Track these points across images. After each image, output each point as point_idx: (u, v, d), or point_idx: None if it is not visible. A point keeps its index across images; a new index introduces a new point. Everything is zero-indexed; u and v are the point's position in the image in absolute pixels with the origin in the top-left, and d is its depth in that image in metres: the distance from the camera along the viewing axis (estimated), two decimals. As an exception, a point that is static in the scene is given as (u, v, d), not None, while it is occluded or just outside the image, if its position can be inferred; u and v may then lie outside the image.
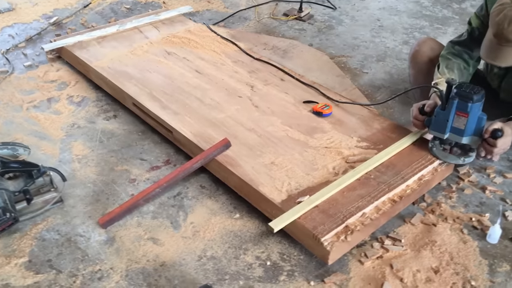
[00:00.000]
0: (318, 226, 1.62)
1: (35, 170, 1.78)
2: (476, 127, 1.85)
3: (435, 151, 1.93)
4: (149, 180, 1.98)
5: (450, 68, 2.06)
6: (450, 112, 1.84)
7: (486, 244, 1.73)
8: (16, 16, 3.22)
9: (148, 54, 2.63)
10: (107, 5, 3.42)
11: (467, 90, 1.80)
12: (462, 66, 2.07)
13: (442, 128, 1.88)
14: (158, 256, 1.67)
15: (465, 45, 2.08)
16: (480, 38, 2.00)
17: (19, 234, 1.74)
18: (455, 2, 3.62)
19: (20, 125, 2.27)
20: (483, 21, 2.00)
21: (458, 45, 2.10)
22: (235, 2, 3.54)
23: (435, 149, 1.93)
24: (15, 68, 2.68)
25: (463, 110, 1.82)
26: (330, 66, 2.76)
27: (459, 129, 1.86)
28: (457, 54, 2.08)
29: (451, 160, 1.91)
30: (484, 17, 1.98)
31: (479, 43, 1.99)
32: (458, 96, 1.81)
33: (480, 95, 1.80)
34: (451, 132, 1.88)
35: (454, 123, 1.86)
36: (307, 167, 1.89)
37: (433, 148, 1.93)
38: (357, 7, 3.53)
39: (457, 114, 1.84)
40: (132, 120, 2.32)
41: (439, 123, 1.88)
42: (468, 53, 2.08)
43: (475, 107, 1.80)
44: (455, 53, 2.09)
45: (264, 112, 2.20)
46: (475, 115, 1.83)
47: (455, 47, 2.10)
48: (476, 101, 1.80)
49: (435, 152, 1.92)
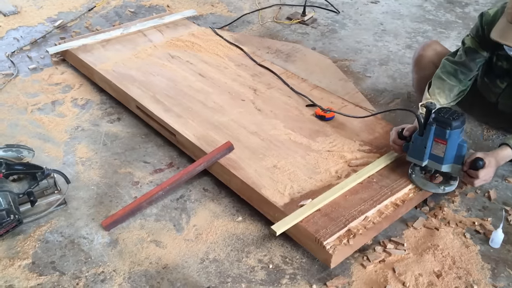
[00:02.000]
0: (321, 230, 1.62)
1: (39, 172, 1.79)
2: (456, 154, 1.74)
3: (414, 178, 1.82)
4: (152, 183, 1.99)
5: (441, 88, 2.02)
6: (428, 138, 1.72)
7: (489, 249, 1.73)
8: (21, 19, 3.24)
9: (152, 57, 2.65)
10: (111, 9, 3.44)
11: (446, 116, 1.69)
12: (455, 88, 2.03)
13: (420, 155, 1.76)
14: (161, 259, 1.68)
15: (463, 64, 2.02)
16: (476, 57, 1.99)
17: (22, 236, 1.75)
18: (458, 6, 3.63)
19: (25, 127, 2.28)
20: (479, 43, 1.97)
21: (454, 64, 2.04)
22: (239, 5, 3.55)
23: (415, 175, 1.82)
24: (20, 71, 2.70)
25: (442, 137, 1.70)
26: (333, 69, 2.76)
27: (438, 156, 1.74)
28: (452, 74, 2.03)
29: (430, 189, 1.81)
30: (480, 38, 1.96)
31: (475, 62, 2.00)
32: (436, 121, 1.70)
33: (460, 121, 1.68)
34: (430, 159, 1.77)
35: (433, 150, 1.75)
36: (309, 170, 1.90)
37: (412, 175, 1.83)
38: (360, 11, 3.54)
39: (435, 141, 1.73)
40: (135, 123, 2.33)
41: (417, 149, 1.77)
42: (465, 72, 2.02)
43: (454, 134, 1.69)
44: (451, 72, 2.03)
45: (267, 116, 2.21)
46: (455, 142, 1.71)
47: (451, 66, 2.04)
48: (455, 127, 1.68)
49: (414, 179, 1.82)
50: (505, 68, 2.01)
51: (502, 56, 1.97)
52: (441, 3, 3.66)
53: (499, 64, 2.02)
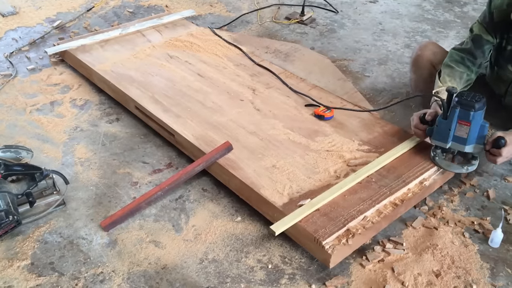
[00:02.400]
0: (320, 230, 1.62)
1: (37, 173, 1.79)
2: (478, 135, 1.83)
3: (437, 160, 1.90)
4: (151, 183, 1.99)
5: (451, 76, 2.06)
6: (452, 121, 1.81)
7: (488, 248, 1.73)
8: (20, 19, 3.24)
9: (151, 57, 2.65)
10: (110, 9, 3.43)
11: (469, 99, 1.78)
12: (464, 74, 2.07)
13: (444, 137, 1.85)
14: (160, 259, 1.68)
15: (469, 52, 2.07)
16: (483, 44, 2.01)
17: (21, 236, 1.75)
18: (457, 5, 3.63)
19: (23, 128, 2.28)
20: (486, 28, 2.00)
21: (461, 52, 2.09)
22: (238, 5, 3.55)
23: (438, 158, 1.90)
24: (18, 72, 2.70)
25: (465, 118, 1.79)
26: (332, 69, 2.76)
27: (461, 137, 1.83)
28: (460, 62, 2.08)
29: (454, 169, 1.89)
30: (488, 24, 1.99)
31: (482, 50, 2.02)
32: (460, 104, 1.79)
33: (482, 103, 1.78)
34: (454, 141, 1.85)
35: (456, 132, 1.83)
36: (308, 170, 1.90)
37: (436, 158, 1.91)
38: (359, 10, 3.54)
39: (459, 123, 1.81)
40: (134, 123, 2.33)
41: (441, 132, 1.85)
42: (472, 60, 2.07)
43: (477, 115, 1.78)
44: (458, 61, 2.08)
45: (265, 115, 2.21)
46: (477, 123, 1.80)
47: (458, 54, 2.09)
48: (478, 109, 1.77)
49: (437, 161, 1.90)
50: None
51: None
52: (440, 3, 3.67)
53: (509, 48, 2.03)
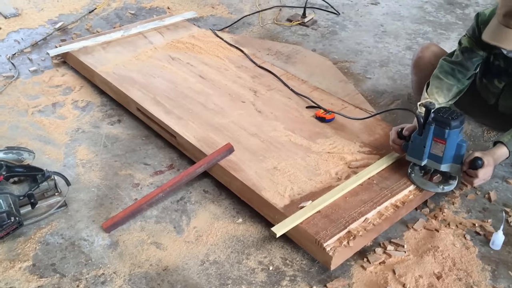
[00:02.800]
0: (321, 231, 1.62)
1: (39, 174, 1.79)
2: (455, 154, 1.75)
3: (413, 177, 1.83)
4: (153, 185, 1.99)
5: (439, 88, 2.02)
6: (427, 138, 1.74)
7: (489, 250, 1.73)
8: (22, 21, 3.25)
9: (152, 59, 2.65)
10: (112, 11, 3.44)
11: (445, 116, 1.70)
12: (454, 87, 2.03)
13: (419, 154, 1.78)
14: (161, 261, 1.68)
15: (460, 64, 2.03)
16: (472, 57, 2.00)
17: (23, 238, 1.75)
18: (459, 7, 3.63)
19: (25, 129, 2.29)
20: (475, 42, 1.98)
21: (452, 63, 2.05)
22: (239, 7, 3.56)
23: (414, 175, 1.83)
24: (20, 73, 2.71)
25: (441, 136, 1.71)
26: (333, 71, 2.77)
27: (437, 156, 1.76)
28: (450, 73, 2.04)
29: (429, 188, 1.82)
30: (476, 38, 1.96)
31: (472, 61, 2.01)
32: (435, 121, 1.71)
33: (459, 121, 1.70)
34: (429, 158, 1.78)
35: (432, 150, 1.76)
36: (309, 172, 1.90)
37: (412, 174, 1.84)
38: (361, 12, 3.54)
39: (435, 141, 1.74)
40: (136, 125, 2.33)
41: (416, 149, 1.78)
42: (462, 71, 2.03)
43: (453, 134, 1.70)
44: (448, 72, 2.04)
45: (267, 117, 2.21)
46: (454, 142, 1.72)
47: (449, 66, 2.05)
48: (454, 127, 1.69)
49: (413, 178, 1.83)
50: (503, 67, 2.01)
51: (499, 55, 1.97)
52: (442, 4, 3.67)
53: (496, 63, 2.03)
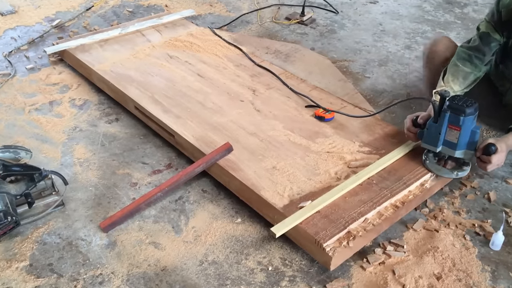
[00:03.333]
0: (320, 232, 1.62)
1: (36, 173, 1.78)
2: (469, 141, 1.80)
3: (428, 164, 1.89)
4: (151, 184, 1.98)
5: (455, 76, 2.05)
6: (442, 125, 1.79)
7: (489, 251, 1.72)
8: (19, 18, 3.23)
9: (150, 57, 2.64)
10: (109, 8, 3.42)
11: (460, 103, 1.75)
12: (471, 74, 2.05)
13: (434, 141, 1.83)
14: (159, 261, 1.67)
15: (477, 49, 2.05)
16: (490, 42, 2.02)
17: (20, 237, 1.74)
18: (457, 7, 3.62)
19: (22, 128, 2.27)
20: (494, 26, 2.00)
21: (469, 50, 2.07)
22: (238, 5, 3.54)
23: (428, 162, 1.89)
24: (17, 71, 2.69)
25: (455, 123, 1.77)
26: (332, 70, 2.76)
27: (451, 142, 1.81)
28: (467, 60, 2.05)
29: (444, 174, 1.87)
30: (495, 23, 1.99)
31: (489, 47, 2.01)
32: (450, 109, 1.77)
33: (473, 108, 1.75)
34: (444, 145, 1.84)
35: (447, 137, 1.81)
36: (309, 172, 1.89)
37: (427, 161, 1.89)
38: (359, 11, 3.53)
39: (449, 127, 1.79)
40: (134, 123, 2.32)
41: (432, 136, 1.84)
42: (480, 57, 2.05)
43: (467, 121, 1.76)
44: (466, 59, 2.06)
45: (266, 116, 2.20)
46: (468, 129, 1.78)
47: (465, 52, 2.07)
48: (469, 114, 1.75)
49: (428, 165, 1.88)
50: None
51: None
52: (440, 4, 3.66)
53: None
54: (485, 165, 1.81)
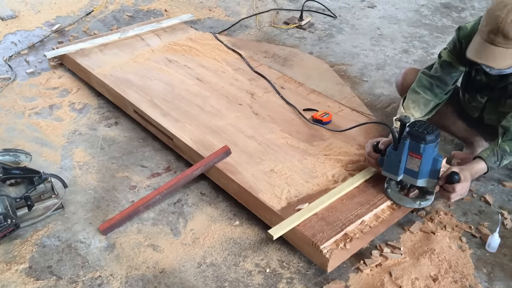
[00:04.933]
0: (317, 234, 1.63)
1: (36, 176, 1.79)
2: (431, 169, 1.71)
3: (389, 193, 1.80)
4: (150, 187, 1.99)
5: (416, 102, 1.98)
6: (402, 152, 1.70)
7: (485, 253, 1.74)
8: (19, 23, 3.25)
9: (150, 61, 2.65)
10: (109, 13, 3.45)
11: (420, 130, 1.67)
12: (431, 102, 1.99)
13: (395, 169, 1.74)
14: (158, 263, 1.68)
15: (438, 79, 1.99)
16: (452, 71, 1.97)
17: (19, 240, 1.75)
18: (455, 11, 3.65)
19: (22, 131, 2.28)
20: (456, 57, 1.94)
21: (431, 78, 2.00)
22: (236, 10, 3.56)
23: (390, 190, 1.80)
24: (17, 75, 2.70)
25: (416, 151, 1.68)
26: (330, 74, 2.78)
27: (413, 171, 1.71)
28: (428, 88, 1.99)
29: (406, 204, 1.79)
30: (457, 53, 1.93)
31: (451, 76, 1.97)
32: (410, 135, 1.68)
33: (434, 135, 1.66)
34: (405, 173, 1.74)
35: (408, 165, 1.72)
36: (306, 174, 1.90)
37: (388, 190, 1.80)
38: (357, 15, 3.56)
39: (410, 155, 1.70)
40: (133, 127, 2.33)
41: (392, 164, 1.74)
42: (441, 86, 1.99)
43: (428, 148, 1.66)
44: (426, 86, 2.00)
45: (264, 120, 2.21)
46: (430, 157, 1.69)
47: (427, 80, 2.01)
48: (430, 142, 1.65)
49: (389, 194, 1.80)
50: (484, 82, 1.96)
51: (481, 70, 1.91)
52: (438, 8, 3.69)
53: (478, 78, 1.98)
54: (448, 194, 1.73)
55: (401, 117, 1.71)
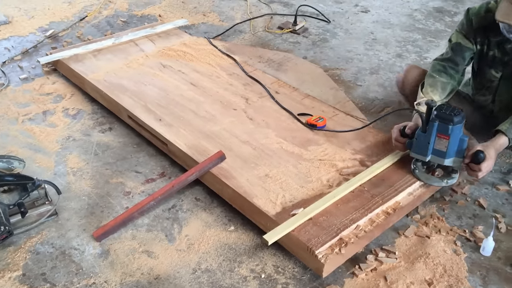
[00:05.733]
0: (312, 239, 1.63)
1: (30, 183, 1.78)
2: (458, 149, 1.82)
3: (417, 173, 1.90)
4: (144, 193, 1.99)
5: (433, 86, 2.06)
6: (431, 134, 1.81)
7: (480, 256, 1.74)
8: (12, 29, 3.24)
9: (144, 67, 2.65)
10: (103, 18, 3.44)
11: (447, 112, 1.78)
12: (448, 85, 2.07)
13: (423, 150, 1.85)
14: (153, 269, 1.67)
15: (450, 60, 2.09)
16: (463, 51, 2.05)
17: (13, 247, 1.73)
18: (448, 15, 3.67)
19: (15, 138, 2.27)
20: (465, 35, 2.04)
21: (442, 61, 2.10)
22: (230, 15, 3.57)
23: (418, 171, 1.91)
24: (10, 81, 2.69)
25: (444, 132, 1.79)
26: (324, 78, 2.78)
27: (441, 151, 1.83)
28: (442, 71, 2.08)
29: (434, 183, 1.89)
30: (467, 31, 2.04)
31: (463, 56, 2.07)
32: (439, 118, 1.79)
33: (461, 117, 1.77)
34: (433, 154, 1.85)
35: (436, 146, 1.83)
36: (301, 179, 1.90)
37: (416, 170, 1.91)
38: (351, 20, 3.57)
39: (438, 136, 1.81)
40: (127, 132, 2.33)
41: (421, 145, 1.85)
42: (454, 67, 2.08)
43: (456, 129, 1.77)
44: (441, 70, 2.08)
45: (258, 125, 2.21)
46: (457, 137, 1.80)
47: (440, 64, 2.10)
48: (457, 123, 1.77)
49: (417, 174, 1.90)
50: (497, 57, 2.04)
51: (493, 43, 2.01)
52: (431, 12, 3.71)
53: (490, 54, 2.06)
54: (475, 173, 1.83)
55: (427, 101, 1.82)
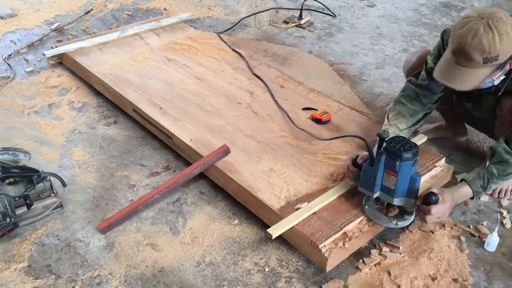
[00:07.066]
0: (316, 233, 1.63)
1: (35, 175, 1.79)
2: (409, 188, 1.62)
3: (366, 209, 1.71)
4: (149, 186, 1.99)
5: (401, 114, 1.90)
6: (377, 169, 1.61)
7: (484, 252, 1.74)
8: (18, 22, 3.25)
9: (149, 60, 2.65)
10: (108, 12, 3.44)
11: (397, 146, 1.57)
12: (419, 113, 1.91)
13: (370, 185, 1.65)
14: (157, 262, 1.68)
15: (426, 87, 1.90)
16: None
17: (18, 239, 1.75)
18: (454, 10, 3.65)
19: (21, 130, 2.28)
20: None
21: (417, 87, 1.91)
22: (236, 9, 3.56)
23: (367, 206, 1.72)
24: (16, 74, 2.70)
25: (392, 168, 1.59)
26: (329, 73, 2.78)
27: (389, 188, 1.63)
28: (414, 98, 1.91)
29: (381, 222, 1.69)
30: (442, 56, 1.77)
31: (439, 84, 1.79)
32: (386, 152, 1.58)
33: (411, 153, 1.56)
34: (381, 191, 1.66)
35: (384, 182, 1.63)
36: (305, 173, 1.90)
37: (365, 206, 1.72)
38: (357, 14, 3.55)
39: (386, 172, 1.61)
40: (132, 126, 2.33)
41: (367, 180, 1.66)
42: (427, 95, 1.90)
43: (404, 166, 1.57)
44: (412, 97, 1.92)
45: (263, 119, 2.21)
46: (406, 175, 1.59)
47: (413, 90, 1.92)
48: (406, 159, 1.55)
49: (366, 210, 1.71)
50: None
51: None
52: (437, 7, 3.68)
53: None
54: (424, 216, 1.64)
55: (379, 132, 1.63)
